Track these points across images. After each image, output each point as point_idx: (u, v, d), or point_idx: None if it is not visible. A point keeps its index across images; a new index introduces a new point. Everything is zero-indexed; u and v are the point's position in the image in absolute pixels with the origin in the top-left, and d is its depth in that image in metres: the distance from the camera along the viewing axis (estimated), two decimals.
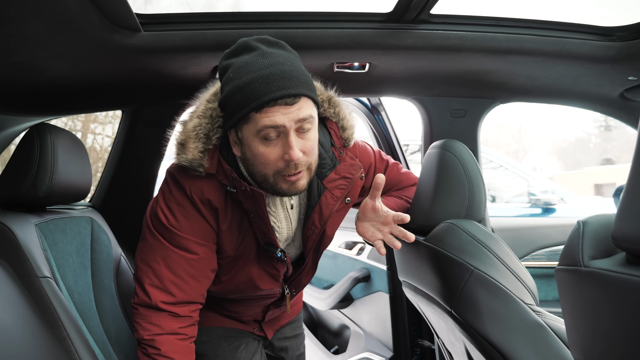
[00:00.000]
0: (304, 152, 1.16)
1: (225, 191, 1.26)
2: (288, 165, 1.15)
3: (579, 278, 0.71)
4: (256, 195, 1.21)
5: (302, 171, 1.18)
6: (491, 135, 33.76)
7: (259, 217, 1.25)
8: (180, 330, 1.28)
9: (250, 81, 1.09)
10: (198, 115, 1.24)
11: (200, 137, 1.22)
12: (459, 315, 1.25)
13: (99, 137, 10.18)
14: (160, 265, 1.26)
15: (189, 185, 1.25)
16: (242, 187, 1.21)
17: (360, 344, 2.83)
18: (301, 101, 1.12)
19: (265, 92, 1.07)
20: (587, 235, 0.72)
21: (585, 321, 0.71)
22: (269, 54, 1.12)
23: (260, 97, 1.08)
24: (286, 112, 1.10)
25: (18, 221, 1.32)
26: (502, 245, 1.29)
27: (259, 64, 1.10)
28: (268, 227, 1.27)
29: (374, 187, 1.35)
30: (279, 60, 1.11)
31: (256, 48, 1.13)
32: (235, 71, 1.12)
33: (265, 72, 1.09)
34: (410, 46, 1.52)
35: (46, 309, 1.21)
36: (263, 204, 1.22)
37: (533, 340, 1.13)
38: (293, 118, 1.11)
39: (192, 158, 1.21)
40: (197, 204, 1.25)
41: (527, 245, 2.54)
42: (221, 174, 1.24)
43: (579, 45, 1.57)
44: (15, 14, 1.05)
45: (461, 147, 1.42)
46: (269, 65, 1.09)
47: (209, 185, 1.26)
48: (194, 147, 1.21)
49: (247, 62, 1.11)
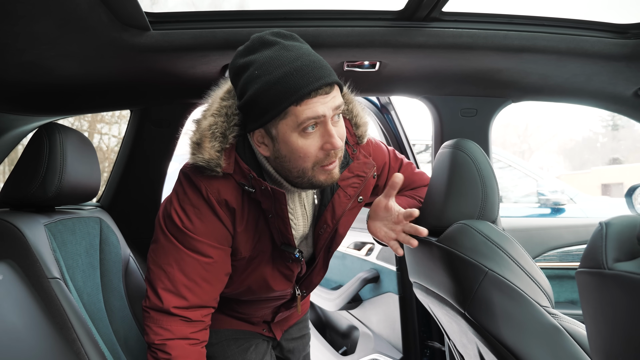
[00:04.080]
0: (341, 138, 1.15)
1: (242, 191, 1.24)
2: (328, 154, 1.14)
3: (602, 281, 0.69)
4: (277, 195, 1.18)
5: (336, 159, 1.17)
6: (497, 135, 33.67)
7: (278, 216, 1.23)
8: (191, 335, 1.26)
9: (284, 75, 1.06)
10: (212, 113, 1.21)
11: (217, 136, 1.19)
12: (472, 318, 1.23)
13: (106, 137, 10.23)
14: (174, 268, 1.24)
15: (205, 185, 1.22)
16: (262, 186, 1.19)
17: (369, 345, 2.81)
18: (335, 89, 1.11)
19: (304, 84, 1.05)
20: (610, 237, 0.70)
21: (607, 325, 0.70)
22: (291, 47, 1.10)
23: (300, 89, 1.05)
24: (324, 101, 1.09)
25: (27, 222, 1.31)
26: (517, 246, 1.27)
27: (286, 57, 1.08)
28: (287, 227, 1.25)
29: (390, 186, 1.33)
30: (304, 52, 1.10)
31: (276, 42, 1.11)
32: (260, 67, 1.09)
33: (297, 64, 1.06)
34: (421, 44, 1.50)
35: (56, 310, 1.20)
36: (284, 204, 1.20)
37: (548, 343, 1.11)
38: (331, 106, 1.10)
39: (210, 158, 1.18)
40: (213, 206, 1.23)
41: (539, 246, 2.52)
42: (238, 174, 1.22)
43: (592, 43, 1.55)
44: (24, 12, 1.04)
45: (474, 147, 1.40)
46: (297, 58, 1.08)
47: (226, 186, 1.23)
48: (211, 146, 1.18)
49: (271, 57, 1.09)
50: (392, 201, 1.35)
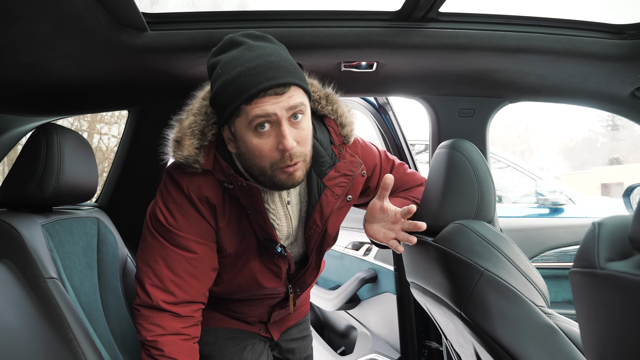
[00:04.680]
0: (298, 141, 1.15)
1: (222, 188, 1.27)
2: (283, 156, 1.14)
3: (595, 281, 0.69)
4: (252, 190, 1.21)
5: (299, 162, 1.17)
6: (497, 135, 33.68)
7: (256, 212, 1.25)
8: (183, 330, 1.28)
9: (238, 75, 1.09)
10: (193, 113, 1.26)
11: (196, 134, 1.23)
12: (468, 317, 1.23)
13: (105, 138, 10.23)
14: (160, 265, 1.27)
15: (186, 182, 1.26)
16: (238, 182, 1.21)
17: (367, 345, 2.81)
18: (291, 90, 1.12)
19: (254, 84, 1.08)
20: (603, 237, 0.71)
21: (600, 325, 0.70)
22: (255, 47, 1.13)
23: (249, 88, 1.08)
24: (276, 101, 1.10)
25: (24, 222, 1.31)
26: (513, 246, 1.27)
27: (246, 57, 1.11)
28: (266, 222, 1.27)
29: (382, 187, 1.34)
30: (266, 52, 1.12)
31: (243, 43, 1.14)
32: (223, 67, 1.13)
33: (252, 64, 1.09)
34: (418, 45, 1.51)
35: (53, 310, 1.21)
36: (260, 199, 1.22)
37: (544, 342, 1.12)
38: (284, 106, 1.11)
39: (188, 154, 1.22)
40: (194, 202, 1.26)
41: (536, 246, 2.52)
42: (218, 171, 1.25)
43: (589, 44, 1.55)
44: (21, 13, 1.04)
45: (470, 147, 1.40)
46: (256, 58, 1.10)
47: (206, 183, 1.26)
48: (190, 143, 1.22)
49: (234, 56, 1.12)
50: (387, 202, 1.36)
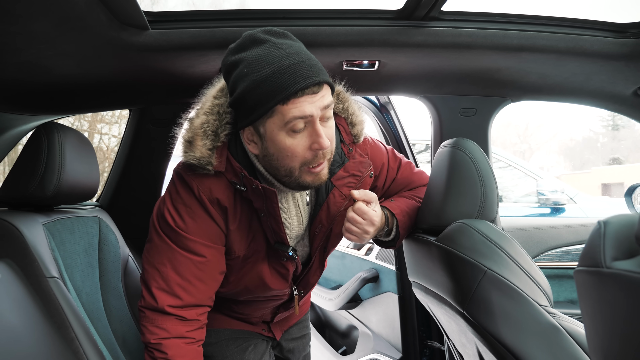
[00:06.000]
0: (330, 139, 1.14)
1: (234, 190, 1.24)
2: (316, 155, 1.13)
3: (600, 280, 0.69)
4: (268, 194, 1.18)
5: (324, 161, 1.16)
6: (498, 135, 33.67)
7: (270, 215, 1.23)
8: (187, 334, 1.26)
9: (272, 74, 1.05)
10: (205, 112, 1.21)
11: (208, 134, 1.19)
12: (471, 317, 1.23)
13: (106, 137, 10.22)
14: (167, 267, 1.24)
15: (197, 184, 1.22)
16: (252, 185, 1.18)
17: (369, 344, 2.81)
18: (324, 89, 1.10)
19: (291, 83, 1.05)
20: (608, 236, 0.70)
21: (606, 324, 0.69)
22: (281, 45, 1.09)
23: (287, 88, 1.05)
24: (312, 100, 1.08)
25: (26, 221, 1.31)
26: (516, 246, 1.27)
27: (276, 56, 1.07)
28: (280, 225, 1.25)
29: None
30: (294, 50, 1.09)
31: (266, 40, 1.11)
32: (249, 65, 1.08)
33: (285, 62, 1.06)
34: (420, 44, 1.50)
35: (54, 310, 1.20)
36: (275, 202, 1.20)
37: (547, 342, 1.11)
38: (319, 106, 1.09)
39: (201, 156, 1.18)
40: (205, 204, 1.23)
41: (538, 246, 2.51)
42: (230, 172, 1.22)
43: (592, 42, 1.54)
44: (22, 11, 1.03)
45: (473, 146, 1.40)
46: (286, 56, 1.07)
47: (218, 184, 1.23)
48: (202, 144, 1.18)
49: (261, 55, 1.08)
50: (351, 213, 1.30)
